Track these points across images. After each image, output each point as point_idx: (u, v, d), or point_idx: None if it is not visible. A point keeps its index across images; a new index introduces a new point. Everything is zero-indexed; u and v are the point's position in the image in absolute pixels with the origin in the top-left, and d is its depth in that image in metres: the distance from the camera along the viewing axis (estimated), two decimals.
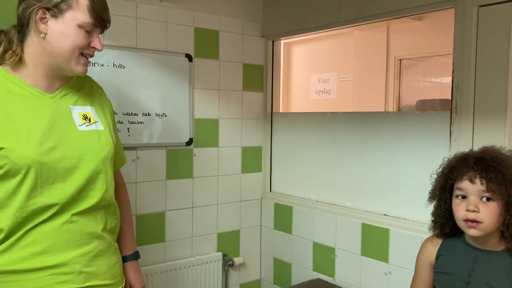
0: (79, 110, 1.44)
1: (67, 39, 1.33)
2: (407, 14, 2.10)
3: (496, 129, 1.74)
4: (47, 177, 1.31)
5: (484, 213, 1.31)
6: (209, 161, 2.56)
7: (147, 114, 2.30)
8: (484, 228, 1.32)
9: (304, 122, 2.61)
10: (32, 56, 1.36)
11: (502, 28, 1.72)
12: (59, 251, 1.34)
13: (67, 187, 1.35)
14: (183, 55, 2.41)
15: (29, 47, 1.35)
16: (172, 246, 2.43)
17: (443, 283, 1.46)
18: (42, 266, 1.32)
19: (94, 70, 2.11)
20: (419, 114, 2.10)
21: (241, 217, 2.72)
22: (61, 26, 1.32)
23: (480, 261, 1.38)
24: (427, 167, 1.56)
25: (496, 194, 1.29)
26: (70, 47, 1.34)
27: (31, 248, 1.31)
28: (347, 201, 2.36)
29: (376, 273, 2.16)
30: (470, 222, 1.33)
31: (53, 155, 1.32)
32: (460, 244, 1.44)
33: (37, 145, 1.30)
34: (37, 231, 1.32)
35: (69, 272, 1.35)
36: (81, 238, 1.38)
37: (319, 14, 2.41)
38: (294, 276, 2.59)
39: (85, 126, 1.43)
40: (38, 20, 1.31)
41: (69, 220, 1.35)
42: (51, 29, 1.32)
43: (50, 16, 1.32)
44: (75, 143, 1.38)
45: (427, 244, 1.54)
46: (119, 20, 2.19)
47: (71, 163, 1.35)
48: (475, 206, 1.31)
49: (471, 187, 1.33)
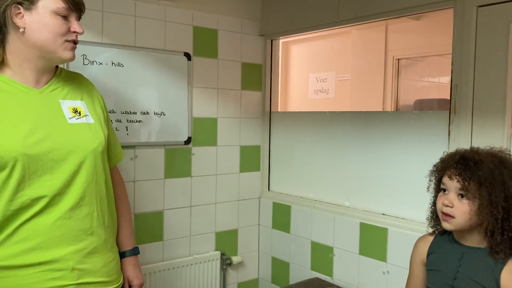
0: (69, 104, 1.44)
1: (45, 28, 1.33)
2: (406, 13, 2.10)
3: (495, 129, 1.74)
4: (34, 170, 1.31)
5: (457, 209, 1.37)
6: (208, 160, 2.56)
7: (145, 113, 2.30)
8: (456, 223, 1.38)
9: (302, 122, 2.61)
10: (16, 54, 1.35)
11: (501, 28, 1.73)
12: (52, 247, 1.34)
13: (56, 179, 1.34)
14: (181, 53, 2.41)
15: (11, 45, 1.35)
16: (170, 245, 2.43)
17: (433, 280, 1.49)
18: (34, 262, 1.32)
19: (92, 68, 2.11)
20: (418, 113, 2.10)
21: (239, 216, 2.72)
22: (36, 17, 1.32)
23: (466, 258, 1.41)
24: (426, 167, 1.56)
25: (470, 193, 1.35)
26: (51, 36, 1.34)
27: (23, 244, 1.31)
28: (345, 200, 2.36)
29: (374, 272, 2.16)
30: (444, 215, 1.40)
31: (40, 147, 1.32)
32: (449, 241, 1.48)
33: (23, 139, 1.30)
34: (29, 226, 1.31)
35: (61, 268, 1.34)
36: (75, 235, 1.37)
37: (318, 13, 2.41)
38: (292, 275, 2.59)
39: (75, 119, 1.42)
40: (14, 16, 1.31)
41: (63, 216, 1.35)
42: (27, 22, 1.32)
43: (24, 10, 1.32)
44: (64, 135, 1.38)
45: (418, 243, 1.59)
46: (117, 18, 2.18)
47: (59, 155, 1.35)
48: (449, 201, 1.38)
49: (450, 183, 1.39)
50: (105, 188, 1.48)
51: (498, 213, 1.32)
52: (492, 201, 1.33)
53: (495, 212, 1.32)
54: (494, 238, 1.34)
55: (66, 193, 1.36)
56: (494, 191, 1.33)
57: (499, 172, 1.34)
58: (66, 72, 1.51)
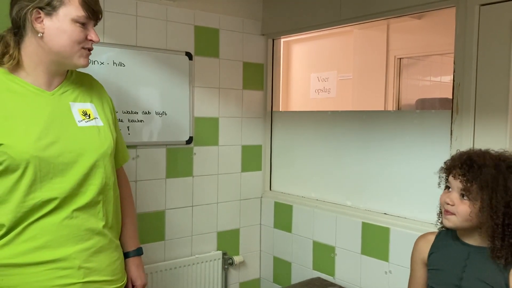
0: (78, 106, 1.46)
1: (64, 35, 1.35)
2: (408, 13, 2.09)
3: (497, 128, 1.74)
4: (46, 172, 1.33)
5: (458, 208, 1.39)
6: (209, 159, 2.55)
7: (147, 113, 2.30)
8: (455, 221, 1.40)
9: (304, 121, 2.60)
10: (31, 56, 1.37)
11: (504, 27, 1.72)
12: (59, 246, 1.35)
13: (66, 182, 1.36)
14: (183, 53, 2.41)
15: (27, 48, 1.36)
16: (172, 245, 2.43)
17: (436, 280, 1.49)
18: (41, 261, 1.33)
19: (94, 68, 2.11)
20: (420, 113, 2.10)
21: (241, 215, 2.72)
22: (56, 24, 1.34)
23: (473, 257, 1.41)
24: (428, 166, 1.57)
25: (471, 195, 1.36)
26: (69, 43, 1.36)
27: (31, 243, 1.33)
28: (347, 200, 2.36)
29: (376, 272, 2.16)
30: (445, 212, 1.43)
31: (51, 150, 1.33)
32: (452, 241, 1.48)
33: (35, 141, 1.31)
34: (37, 225, 1.33)
35: (68, 267, 1.36)
36: (81, 234, 1.39)
37: (320, 13, 2.41)
38: (294, 275, 2.59)
39: (85, 122, 1.44)
40: (33, 20, 1.33)
41: (70, 215, 1.37)
42: (47, 27, 1.34)
43: (44, 15, 1.33)
44: (74, 138, 1.39)
45: (419, 242, 1.59)
46: (119, 18, 2.18)
47: (69, 158, 1.37)
48: (451, 199, 1.40)
49: (454, 182, 1.41)
50: (113, 190, 1.50)
51: (498, 218, 1.32)
52: (492, 205, 1.33)
53: (495, 216, 1.32)
54: (495, 243, 1.34)
55: (76, 195, 1.38)
56: (495, 196, 1.33)
57: (503, 177, 1.34)
58: (77, 73, 1.53)
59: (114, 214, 1.51)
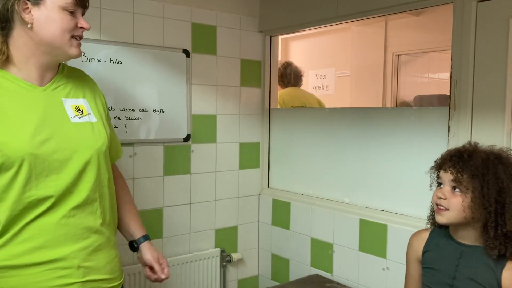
0: (71, 102, 1.44)
1: (54, 24, 1.33)
2: (406, 9, 2.09)
3: (495, 125, 1.74)
4: (41, 170, 1.31)
5: (451, 202, 1.38)
6: (207, 157, 2.55)
7: (144, 110, 2.29)
8: (449, 216, 1.39)
9: (302, 118, 2.60)
10: (21, 50, 1.34)
11: (501, 24, 1.72)
12: (57, 246, 1.34)
13: (62, 179, 1.34)
14: (180, 50, 2.40)
15: (17, 41, 1.34)
16: (170, 242, 2.43)
17: (431, 279, 1.48)
18: (40, 261, 1.32)
19: (90, 65, 2.10)
20: (417, 109, 2.10)
21: (239, 213, 2.72)
22: (44, 13, 1.32)
23: (465, 257, 1.41)
24: (425, 163, 1.56)
25: (462, 185, 1.36)
26: (60, 32, 1.34)
27: (29, 243, 1.31)
28: (345, 196, 2.36)
29: (374, 268, 2.16)
30: (438, 209, 1.41)
31: (46, 147, 1.32)
32: (445, 238, 1.47)
33: (30, 138, 1.30)
34: (34, 226, 1.32)
35: (67, 266, 1.35)
36: (79, 233, 1.38)
37: (317, 9, 2.40)
38: (292, 272, 2.59)
39: (78, 118, 1.42)
40: (21, 11, 1.31)
41: (67, 214, 1.35)
42: (35, 17, 1.31)
43: (31, 5, 1.31)
44: (68, 135, 1.38)
45: (412, 240, 1.59)
46: (116, 15, 2.18)
47: (64, 155, 1.35)
48: (443, 193, 1.39)
49: (444, 176, 1.41)
50: (108, 187, 1.48)
51: (491, 206, 1.32)
52: (484, 193, 1.32)
53: (487, 204, 1.32)
54: (488, 232, 1.33)
55: (72, 192, 1.37)
56: (486, 183, 1.32)
57: (493, 165, 1.34)
58: (69, 68, 1.51)
59: (111, 211, 1.50)
